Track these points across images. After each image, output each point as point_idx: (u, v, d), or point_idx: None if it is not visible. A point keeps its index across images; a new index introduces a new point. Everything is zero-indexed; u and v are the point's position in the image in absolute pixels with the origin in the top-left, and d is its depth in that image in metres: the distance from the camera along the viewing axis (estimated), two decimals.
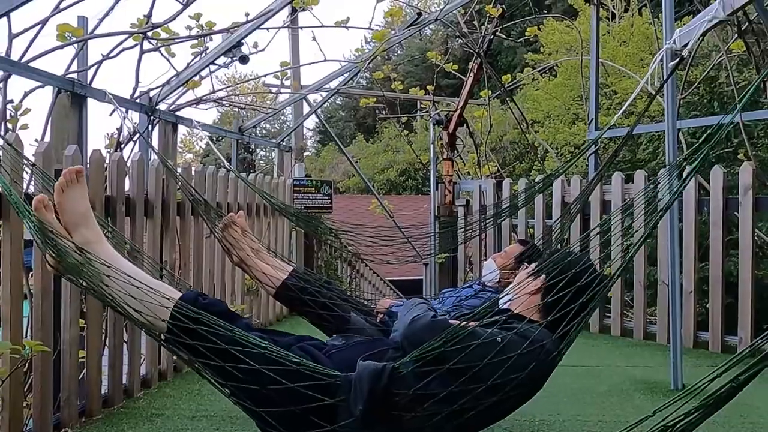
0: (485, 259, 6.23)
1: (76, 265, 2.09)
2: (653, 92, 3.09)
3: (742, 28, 5.39)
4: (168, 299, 2.12)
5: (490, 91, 7.54)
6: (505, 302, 2.40)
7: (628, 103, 3.39)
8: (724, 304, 4.56)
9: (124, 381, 3.48)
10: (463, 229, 4.66)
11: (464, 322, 2.07)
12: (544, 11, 19.31)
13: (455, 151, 7.07)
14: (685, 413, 1.10)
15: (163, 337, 2.15)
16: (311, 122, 26.15)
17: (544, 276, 2.27)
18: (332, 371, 2.07)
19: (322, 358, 2.20)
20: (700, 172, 4.84)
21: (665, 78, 3.22)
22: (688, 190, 4.72)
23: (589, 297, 2.10)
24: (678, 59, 3.10)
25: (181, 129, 4.72)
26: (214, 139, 8.86)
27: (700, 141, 1.82)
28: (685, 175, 1.88)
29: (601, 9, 6.85)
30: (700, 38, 3.23)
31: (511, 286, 2.46)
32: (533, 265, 2.48)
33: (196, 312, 2.07)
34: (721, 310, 4.55)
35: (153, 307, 2.08)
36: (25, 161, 2.66)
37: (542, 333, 2.11)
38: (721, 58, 6.95)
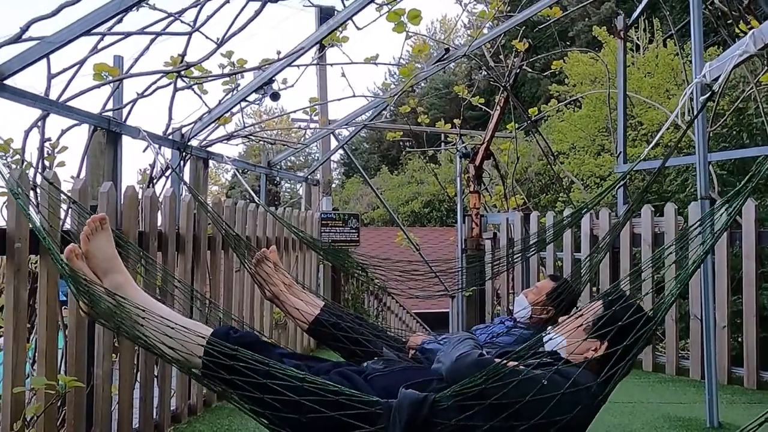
0: (512, 292, 6.21)
1: (109, 310, 2.14)
2: (682, 125, 3.08)
3: None
4: (201, 336, 2.16)
5: (516, 124, 7.55)
6: (554, 346, 2.31)
7: (658, 136, 3.38)
8: (758, 338, 4.47)
9: (155, 415, 3.49)
10: (491, 263, 4.62)
11: (509, 361, 2.05)
12: (568, 43, 19.38)
13: (482, 184, 7.06)
14: None
15: (199, 372, 2.18)
16: (336, 154, 26.26)
17: (606, 344, 2.16)
18: (372, 398, 2.06)
19: (361, 383, 2.21)
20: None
21: (696, 112, 3.21)
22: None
23: (634, 340, 2.05)
24: (709, 93, 3.09)
25: None
26: (240, 171, 8.98)
27: (745, 180, 1.80)
28: (728, 211, 1.85)
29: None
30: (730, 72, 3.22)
31: (560, 332, 2.31)
32: (591, 318, 2.25)
33: (232, 348, 2.10)
34: (756, 345, 4.46)
35: (188, 345, 2.12)
36: (65, 196, 2.73)
37: (586, 375, 2.06)
38: (750, 91, 6.90)
